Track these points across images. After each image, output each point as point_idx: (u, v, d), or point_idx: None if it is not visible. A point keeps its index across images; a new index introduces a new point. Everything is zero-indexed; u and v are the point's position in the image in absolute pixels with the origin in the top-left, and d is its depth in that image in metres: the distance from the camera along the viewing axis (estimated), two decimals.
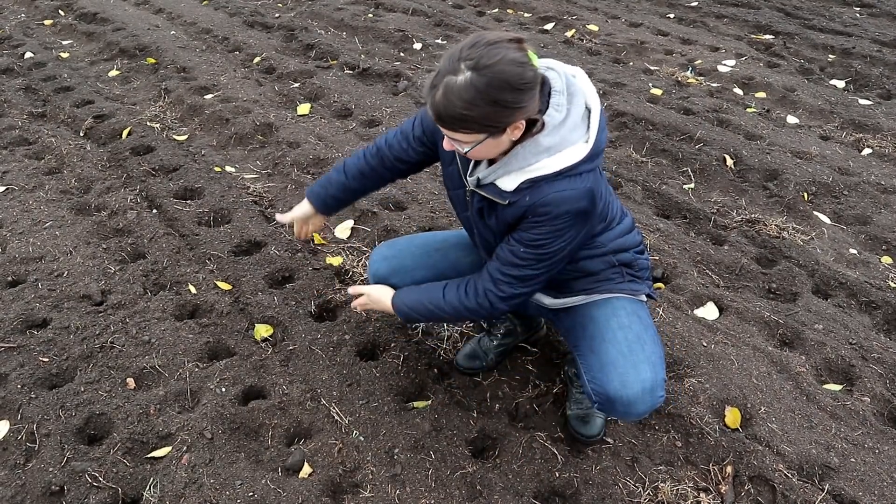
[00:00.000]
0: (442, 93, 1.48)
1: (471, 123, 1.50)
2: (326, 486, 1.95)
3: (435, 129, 1.91)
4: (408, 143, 2.00)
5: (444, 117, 1.52)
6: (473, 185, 1.76)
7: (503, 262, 1.76)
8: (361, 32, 5.58)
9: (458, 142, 1.58)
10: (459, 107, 1.47)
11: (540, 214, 1.64)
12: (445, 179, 1.94)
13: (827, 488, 1.99)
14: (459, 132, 1.54)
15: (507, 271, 1.75)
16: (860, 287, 2.81)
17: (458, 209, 1.96)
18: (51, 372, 2.31)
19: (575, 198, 1.62)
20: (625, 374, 1.76)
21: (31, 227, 3.05)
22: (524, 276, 1.75)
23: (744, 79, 4.80)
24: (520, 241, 1.71)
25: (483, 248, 1.95)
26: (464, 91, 1.46)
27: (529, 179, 1.63)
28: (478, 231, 1.90)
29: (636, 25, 5.90)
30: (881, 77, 4.86)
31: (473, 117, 1.49)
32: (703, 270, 2.91)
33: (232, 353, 2.42)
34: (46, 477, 1.95)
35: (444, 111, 1.50)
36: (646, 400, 1.77)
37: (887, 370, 2.42)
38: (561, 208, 1.62)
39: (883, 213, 3.32)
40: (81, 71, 4.83)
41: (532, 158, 1.61)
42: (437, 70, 1.52)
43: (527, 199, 1.65)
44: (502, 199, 1.69)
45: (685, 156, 3.72)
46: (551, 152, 1.60)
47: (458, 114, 1.48)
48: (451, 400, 2.24)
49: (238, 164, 3.65)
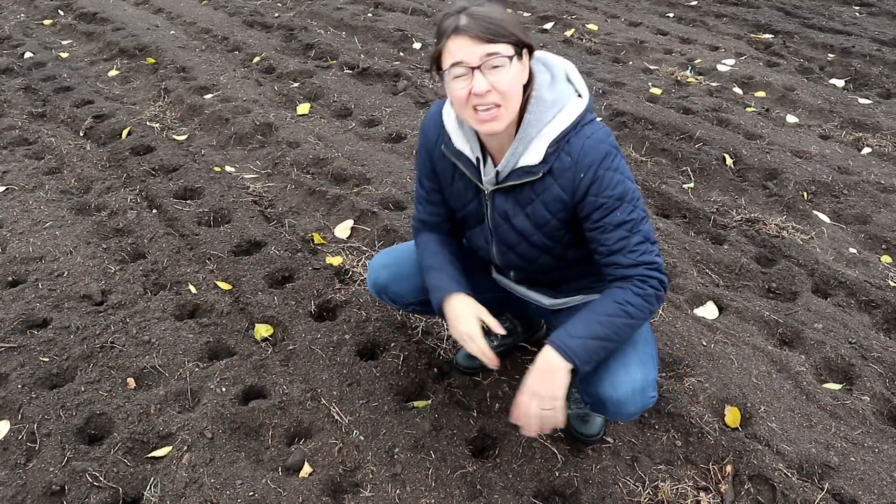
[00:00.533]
0: (470, 14, 1.55)
1: (506, 28, 1.55)
2: (327, 485, 1.96)
3: (436, 170, 1.89)
4: (431, 200, 1.95)
5: (480, 27, 1.54)
6: (491, 184, 1.75)
7: (621, 245, 1.65)
8: (361, 32, 5.58)
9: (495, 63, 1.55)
10: (494, 15, 1.55)
11: (592, 168, 1.64)
12: (453, 200, 1.91)
13: (827, 487, 1.99)
14: (498, 42, 1.55)
15: (633, 244, 1.65)
16: (860, 286, 2.81)
17: (470, 225, 1.92)
18: (51, 372, 2.31)
19: (605, 134, 1.68)
20: (615, 375, 1.76)
21: (32, 227, 3.05)
22: (644, 231, 1.67)
23: (743, 78, 4.80)
24: (609, 209, 1.64)
25: (499, 255, 1.90)
26: (485, 8, 1.56)
27: (553, 141, 1.65)
28: (498, 238, 1.85)
29: (636, 25, 5.90)
30: (881, 76, 4.86)
31: (505, 22, 1.56)
32: (702, 270, 2.91)
33: (232, 352, 2.42)
34: (47, 477, 1.95)
35: (481, 21, 1.54)
36: (636, 401, 1.77)
37: (887, 369, 2.42)
38: (600, 150, 1.65)
39: (882, 213, 3.33)
40: (81, 71, 4.83)
41: (545, 116, 1.65)
42: (439, 25, 1.60)
43: (567, 159, 1.65)
44: (535, 174, 1.68)
45: (685, 155, 3.72)
46: (558, 106, 1.65)
47: (491, 19, 1.54)
48: (451, 399, 2.24)
49: (238, 163, 3.65)
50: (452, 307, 1.83)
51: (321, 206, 3.27)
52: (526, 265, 1.89)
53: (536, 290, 2.02)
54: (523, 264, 1.89)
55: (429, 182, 1.94)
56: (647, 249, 1.67)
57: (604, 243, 1.67)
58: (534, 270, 1.92)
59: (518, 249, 1.83)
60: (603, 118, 4.15)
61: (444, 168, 1.87)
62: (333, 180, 3.47)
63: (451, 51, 1.56)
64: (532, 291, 2.03)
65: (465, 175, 1.82)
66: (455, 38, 1.54)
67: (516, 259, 1.88)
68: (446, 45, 1.56)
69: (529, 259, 1.86)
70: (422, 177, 1.96)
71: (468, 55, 1.54)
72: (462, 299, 1.84)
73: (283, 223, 3.15)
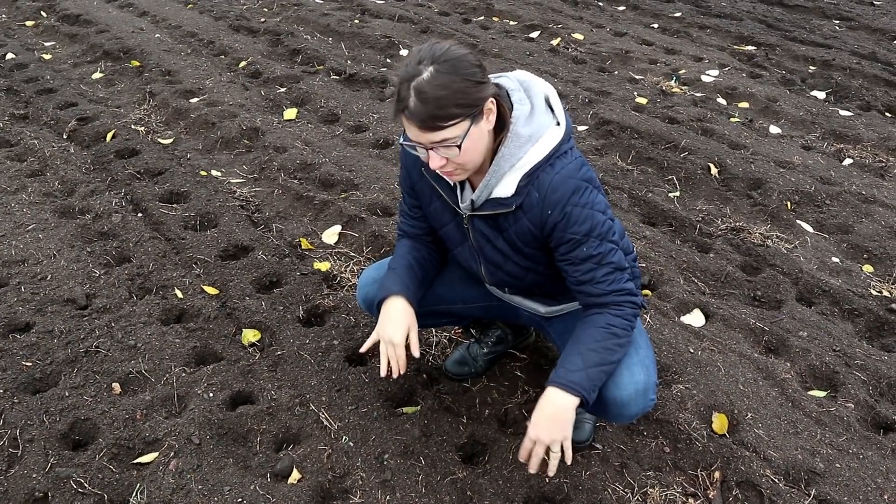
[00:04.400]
0: (413, 95, 1.50)
1: (451, 108, 1.51)
2: (316, 491, 1.94)
3: (415, 188, 1.90)
4: (413, 215, 1.99)
5: (425, 117, 1.51)
6: (468, 210, 1.76)
7: (588, 277, 1.69)
8: (347, 38, 5.58)
9: (446, 145, 1.55)
10: (435, 96, 1.49)
11: (559, 205, 1.64)
12: (433, 219, 1.93)
13: (813, 493, 2.01)
14: (445, 127, 1.53)
15: (600, 276, 1.69)
16: (843, 295, 2.85)
17: (453, 244, 1.94)
18: (34, 377, 2.27)
19: (575, 168, 1.67)
20: (619, 375, 1.77)
21: (14, 229, 3.01)
22: (614, 262, 1.70)
23: (727, 89, 4.86)
24: (575, 244, 1.67)
25: (489, 275, 1.92)
26: (433, 80, 1.50)
27: (525, 174, 1.65)
28: (484, 258, 1.87)
29: (621, 35, 5.96)
30: (860, 89, 4.94)
31: (452, 100, 1.51)
32: (689, 278, 2.94)
33: (219, 358, 2.40)
34: (30, 483, 1.92)
35: (423, 109, 1.51)
36: (638, 402, 1.78)
37: (870, 376, 2.46)
38: (569, 184, 1.65)
39: (864, 223, 3.38)
40: (64, 73, 4.78)
41: (518, 152, 1.64)
42: (396, 90, 1.55)
43: (535, 195, 1.66)
44: (508, 207, 1.69)
45: (670, 164, 3.75)
46: (533, 140, 1.64)
47: (437, 102, 1.50)
48: (440, 406, 2.23)
49: (224, 168, 3.63)
50: (388, 308, 1.86)
51: (308, 211, 3.26)
52: (516, 282, 1.91)
53: (531, 299, 2.02)
54: (513, 281, 1.91)
55: (410, 198, 1.97)
56: (615, 279, 1.70)
57: (572, 275, 1.73)
58: (525, 286, 1.94)
59: (505, 268, 1.86)
60: (589, 127, 4.18)
61: (423, 188, 1.89)
62: (321, 186, 3.46)
63: (406, 126, 1.58)
64: (527, 300, 2.03)
65: (442, 197, 1.83)
66: (406, 120, 1.55)
67: (505, 276, 1.89)
68: (401, 118, 1.56)
69: (518, 277, 1.88)
70: (404, 192, 1.98)
71: (419, 139, 1.57)
72: (400, 304, 1.86)
73: (270, 228, 3.13)
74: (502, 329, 2.35)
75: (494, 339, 2.34)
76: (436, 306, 2.11)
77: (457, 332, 2.53)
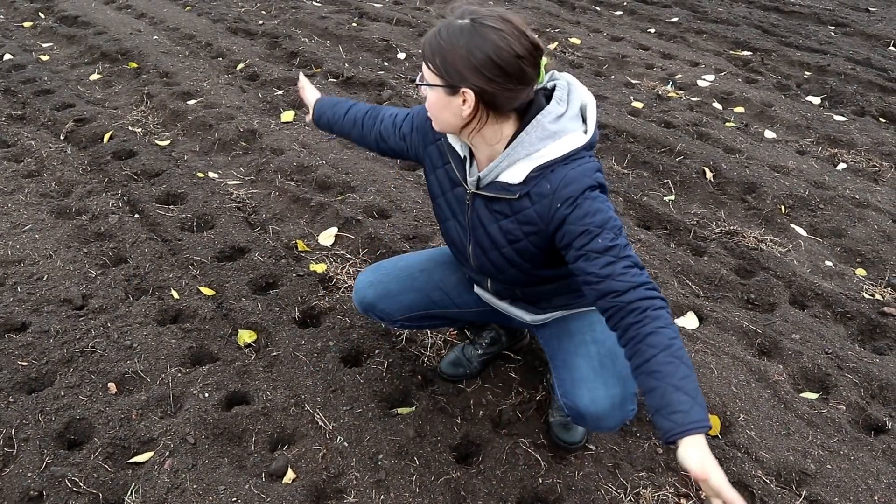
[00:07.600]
0: (437, 28, 1.60)
1: (437, 59, 1.57)
2: (310, 491, 1.95)
3: (419, 130, 1.93)
4: (394, 128, 2.04)
5: (423, 45, 1.61)
6: (473, 185, 1.76)
7: (609, 272, 1.56)
8: (345, 41, 5.60)
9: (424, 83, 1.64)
10: (439, 41, 1.57)
11: (571, 198, 1.60)
12: (433, 186, 1.91)
13: (804, 494, 2.03)
14: (428, 66, 1.61)
15: (620, 268, 1.56)
16: (835, 298, 2.87)
17: (443, 217, 1.91)
18: (30, 376, 2.28)
19: (590, 170, 1.63)
20: (594, 390, 1.77)
21: (10, 230, 3.01)
22: (632, 257, 1.59)
23: (723, 93, 4.89)
24: (591, 235, 1.58)
25: (474, 257, 1.88)
26: (451, 31, 1.56)
27: (539, 167, 1.63)
28: (474, 239, 1.83)
29: (617, 39, 5.98)
30: (855, 94, 4.97)
31: (443, 54, 1.56)
32: (683, 281, 2.95)
33: (215, 358, 2.40)
34: (25, 482, 1.92)
35: (428, 42, 1.60)
36: (615, 415, 1.79)
37: (861, 379, 2.47)
38: (583, 182, 1.61)
39: (857, 227, 3.40)
40: (62, 74, 4.79)
41: (539, 143, 1.63)
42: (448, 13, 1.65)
43: (547, 186, 1.63)
44: (511, 194, 1.67)
45: (666, 168, 3.78)
46: (556, 137, 1.63)
47: (436, 45, 1.58)
48: (434, 406, 2.24)
49: (221, 170, 3.64)
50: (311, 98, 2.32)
51: (305, 213, 3.27)
52: (497, 273, 1.87)
53: (517, 306, 2.01)
54: (494, 272, 1.87)
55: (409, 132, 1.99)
56: (637, 273, 1.57)
57: (591, 271, 1.57)
58: (504, 280, 1.89)
59: (490, 255, 1.82)
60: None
61: (433, 151, 1.89)
62: (318, 188, 3.47)
63: None
64: (513, 307, 2.02)
65: (448, 165, 1.84)
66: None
67: (489, 265, 1.85)
68: None
69: (499, 268, 1.83)
70: (411, 125, 1.99)
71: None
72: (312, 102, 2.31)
73: (266, 230, 3.14)
74: (497, 331, 2.37)
75: (489, 341, 2.35)
76: (431, 310, 2.13)
77: (451, 334, 2.55)
